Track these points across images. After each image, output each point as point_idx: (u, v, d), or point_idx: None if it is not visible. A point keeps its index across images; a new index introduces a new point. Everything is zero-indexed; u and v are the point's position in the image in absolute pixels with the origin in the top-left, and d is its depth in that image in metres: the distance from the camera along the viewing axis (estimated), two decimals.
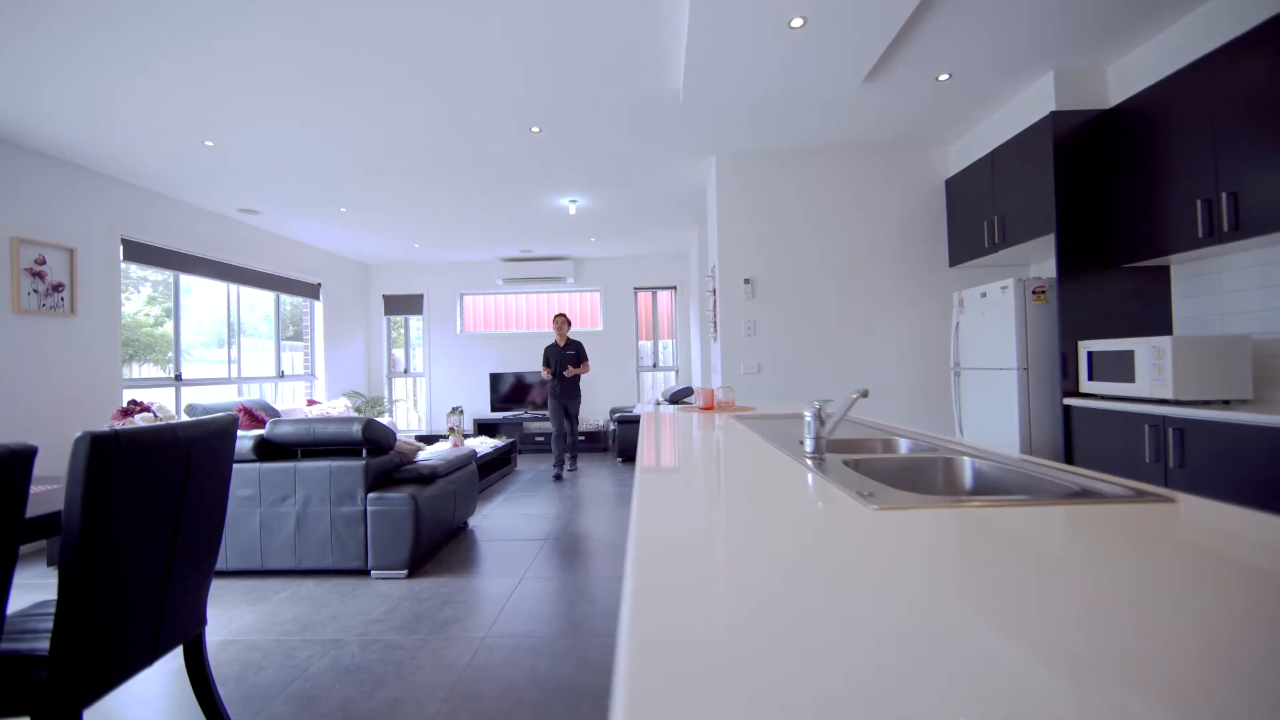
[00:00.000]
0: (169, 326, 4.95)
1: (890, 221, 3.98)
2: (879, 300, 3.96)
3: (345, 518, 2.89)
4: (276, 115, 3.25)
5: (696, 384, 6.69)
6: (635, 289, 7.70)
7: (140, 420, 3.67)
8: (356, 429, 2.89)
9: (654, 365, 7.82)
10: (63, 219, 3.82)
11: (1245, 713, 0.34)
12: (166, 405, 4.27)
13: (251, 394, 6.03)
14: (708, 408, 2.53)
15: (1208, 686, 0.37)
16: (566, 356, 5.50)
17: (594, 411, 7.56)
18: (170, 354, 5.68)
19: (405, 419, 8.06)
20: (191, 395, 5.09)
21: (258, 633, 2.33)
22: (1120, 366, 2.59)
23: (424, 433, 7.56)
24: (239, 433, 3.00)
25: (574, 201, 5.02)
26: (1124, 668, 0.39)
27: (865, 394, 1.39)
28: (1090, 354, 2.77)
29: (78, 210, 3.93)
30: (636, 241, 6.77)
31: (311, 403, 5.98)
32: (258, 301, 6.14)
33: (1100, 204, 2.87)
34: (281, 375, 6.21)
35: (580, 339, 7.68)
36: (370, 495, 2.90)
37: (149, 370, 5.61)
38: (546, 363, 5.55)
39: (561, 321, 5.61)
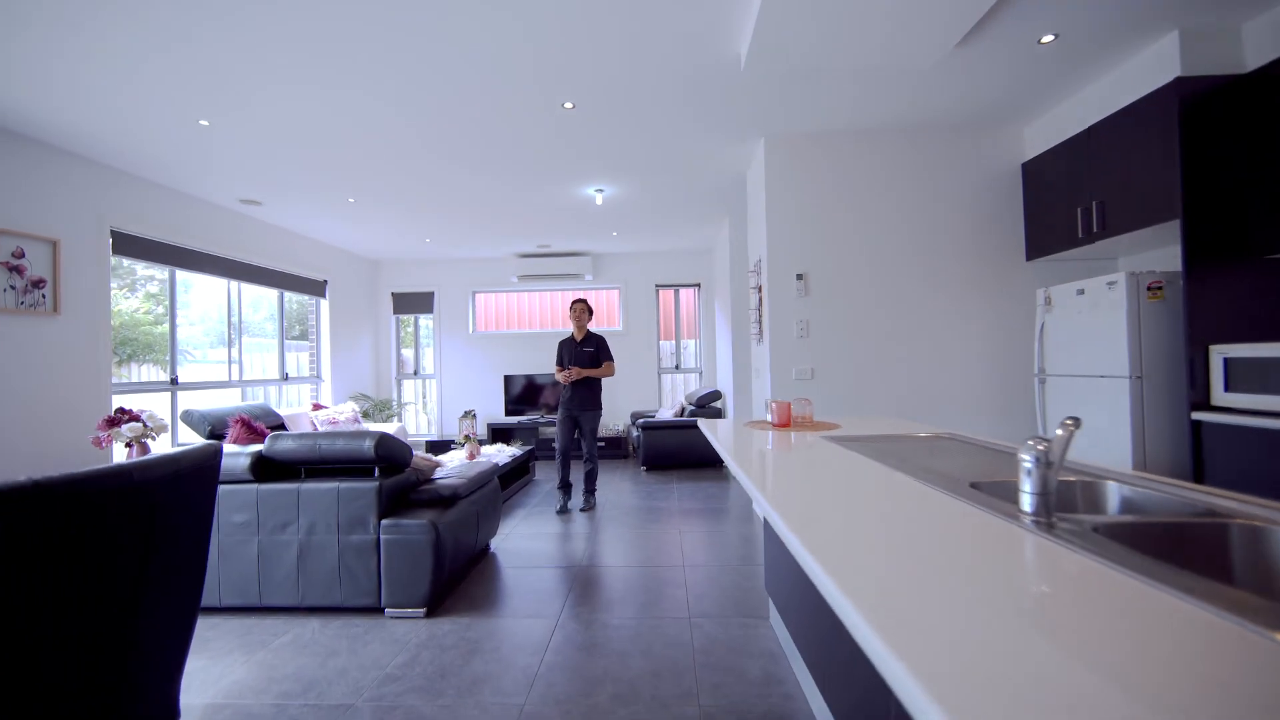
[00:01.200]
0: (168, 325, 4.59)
1: (958, 211, 3.57)
2: (946, 299, 3.55)
3: (355, 548, 2.51)
4: (278, 91, 2.87)
5: (723, 387, 6.30)
6: (657, 286, 7.31)
7: (127, 430, 3.31)
8: (368, 445, 2.51)
9: (676, 367, 7.42)
10: (45, 208, 3.46)
11: None
12: (161, 412, 3.91)
13: (256, 397, 5.68)
14: (783, 424, 2.14)
15: None
16: (583, 354, 4.39)
17: (614, 415, 7.17)
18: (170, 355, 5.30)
19: (415, 423, 7.70)
20: (189, 400, 4.73)
21: (253, 694, 1.95)
22: (1274, 376, 2.17)
23: (435, 438, 7.20)
24: (235, 449, 2.62)
25: (600, 191, 4.63)
26: None
27: (1078, 423, 1.00)
28: (1227, 360, 2.36)
29: (62, 199, 3.57)
30: (660, 235, 6.37)
31: (317, 407, 5.63)
32: (261, 300, 5.78)
33: (1235, 185, 2.46)
34: (286, 377, 5.86)
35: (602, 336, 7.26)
36: (384, 522, 2.52)
37: (150, 372, 5.27)
38: (561, 361, 4.53)
39: (580, 310, 4.47)
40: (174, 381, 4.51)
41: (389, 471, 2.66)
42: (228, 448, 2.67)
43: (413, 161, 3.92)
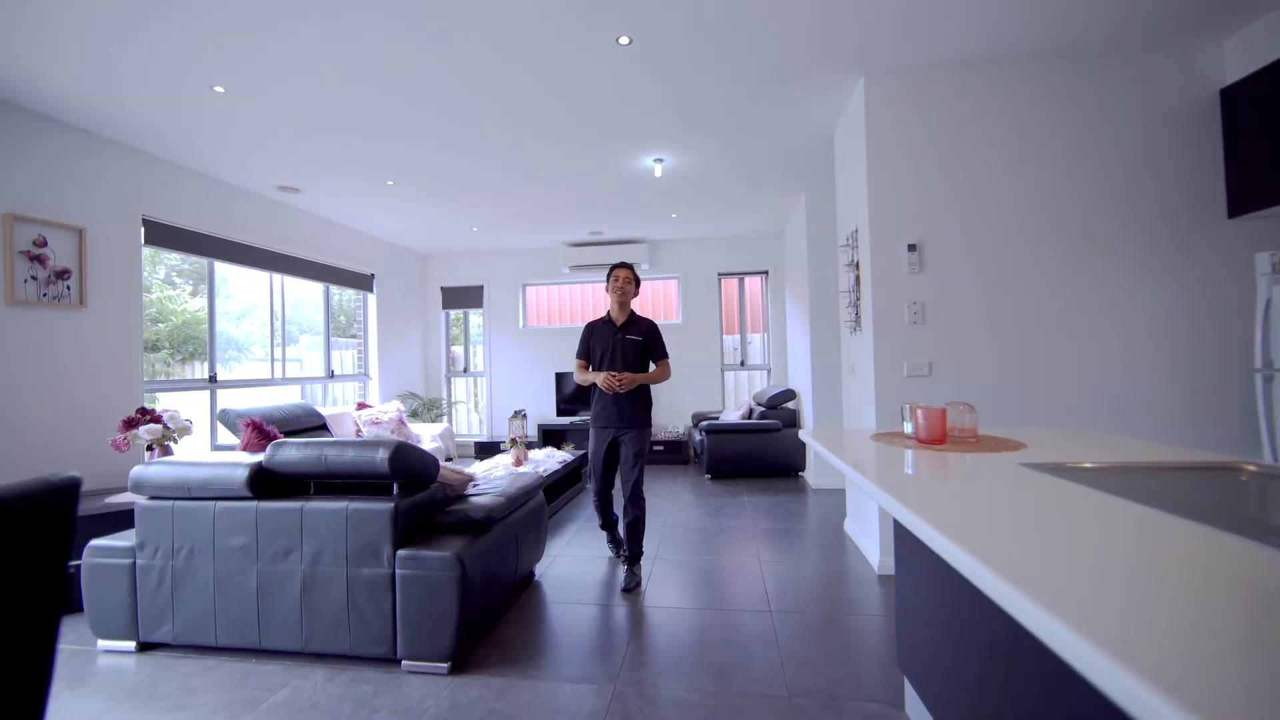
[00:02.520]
0: (227, 325, 4.39)
1: (1127, 157, 2.73)
2: (1112, 270, 2.73)
3: (367, 583, 2.05)
4: (292, 46, 2.46)
5: (797, 386, 5.59)
6: (719, 275, 6.65)
7: (145, 433, 3.03)
8: (381, 458, 2.04)
9: (741, 363, 6.74)
10: (69, 194, 3.24)
11: None
12: (192, 412, 3.67)
13: (306, 395, 5.48)
14: (935, 440, 1.47)
15: None
16: (629, 345, 2.90)
17: (673, 416, 6.58)
18: (232, 351, 5.18)
19: (467, 423, 7.40)
20: (231, 399, 4.53)
21: None
22: None
23: (485, 438, 6.85)
24: (232, 459, 2.22)
25: (660, 161, 4.04)
26: None
27: None
28: None
29: (88, 184, 3.34)
30: (725, 216, 5.72)
31: (362, 406, 5.35)
32: (307, 294, 5.58)
33: None
34: (331, 375, 5.63)
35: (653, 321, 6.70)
36: (400, 553, 2.04)
37: (197, 370, 5.15)
38: (586, 353, 3.00)
39: (625, 280, 2.97)
40: (213, 379, 4.29)
41: (411, 488, 2.19)
42: (226, 457, 2.27)
43: (447, 131, 3.47)
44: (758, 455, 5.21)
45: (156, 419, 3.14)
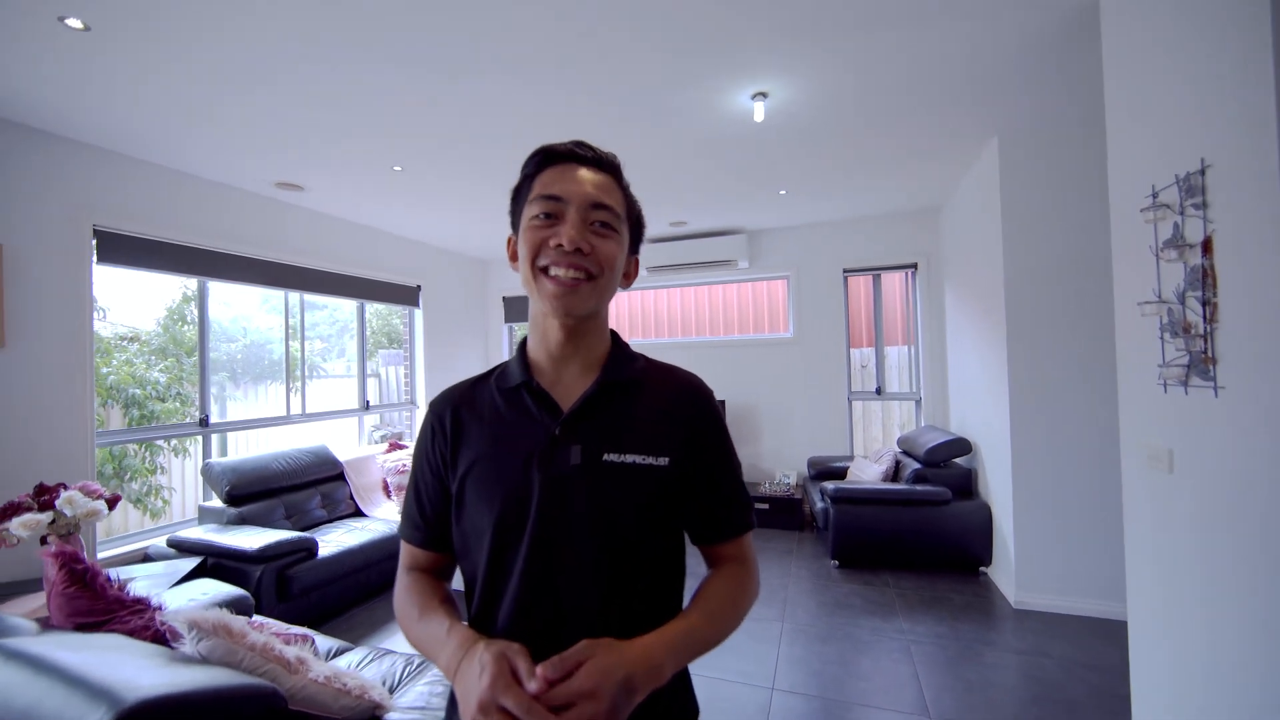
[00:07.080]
0: (288, 343, 3.66)
1: None
2: None
3: None
4: None
5: (973, 431, 3.84)
6: (844, 272, 4.97)
7: (18, 526, 2.15)
8: None
9: (877, 391, 5.00)
10: None
11: None
12: (190, 464, 2.87)
13: (324, 434, 4.71)
14: None
15: None
16: (620, 507, 0.71)
17: (780, 461, 5.02)
18: (292, 371, 4.49)
19: None
20: (239, 444, 3.77)
21: None
22: None
23: None
24: None
25: (763, 97, 2.57)
26: None
27: None
28: None
29: (8, 188, 2.61)
30: (852, 190, 4.07)
31: (394, 446, 4.45)
32: (336, 313, 4.82)
33: None
34: (366, 406, 4.79)
35: (748, 350, 5.17)
36: None
37: (270, 392, 4.51)
38: (432, 528, 0.80)
39: (586, 203, 0.73)
40: (204, 423, 3.51)
41: None
42: None
43: (460, 79, 2.29)
44: (913, 536, 3.52)
45: (48, 503, 2.28)
